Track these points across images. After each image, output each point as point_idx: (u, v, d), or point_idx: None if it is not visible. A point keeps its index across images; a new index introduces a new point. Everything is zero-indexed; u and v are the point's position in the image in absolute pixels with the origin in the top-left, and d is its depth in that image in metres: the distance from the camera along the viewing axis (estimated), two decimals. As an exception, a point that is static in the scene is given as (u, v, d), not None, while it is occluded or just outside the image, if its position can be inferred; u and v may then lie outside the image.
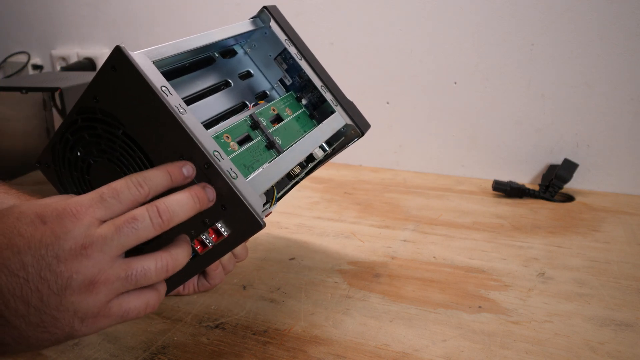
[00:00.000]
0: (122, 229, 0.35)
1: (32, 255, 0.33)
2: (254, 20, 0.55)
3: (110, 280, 0.34)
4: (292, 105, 0.56)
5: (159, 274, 0.36)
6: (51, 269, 0.33)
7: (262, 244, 0.68)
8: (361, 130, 0.55)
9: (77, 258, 0.34)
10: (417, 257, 0.64)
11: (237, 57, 0.58)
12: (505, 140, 0.92)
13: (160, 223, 0.36)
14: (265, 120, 0.51)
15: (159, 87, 0.39)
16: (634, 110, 0.83)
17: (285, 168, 0.47)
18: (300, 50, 0.55)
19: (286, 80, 0.58)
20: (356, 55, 0.97)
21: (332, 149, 0.56)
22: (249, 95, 0.57)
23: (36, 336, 0.34)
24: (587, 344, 0.47)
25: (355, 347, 0.47)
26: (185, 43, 0.46)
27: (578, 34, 0.82)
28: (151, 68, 0.40)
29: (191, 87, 0.52)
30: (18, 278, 0.33)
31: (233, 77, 0.57)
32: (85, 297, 0.34)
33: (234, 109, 0.55)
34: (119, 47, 0.39)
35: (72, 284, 0.33)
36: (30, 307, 0.33)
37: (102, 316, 0.35)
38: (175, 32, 1.12)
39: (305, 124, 0.56)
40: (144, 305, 0.37)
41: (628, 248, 0.67)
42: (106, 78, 0.40)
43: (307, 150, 0.50)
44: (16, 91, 0.82)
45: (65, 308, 0.34)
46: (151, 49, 0.42)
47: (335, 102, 0.55)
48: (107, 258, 0.34)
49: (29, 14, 1.26)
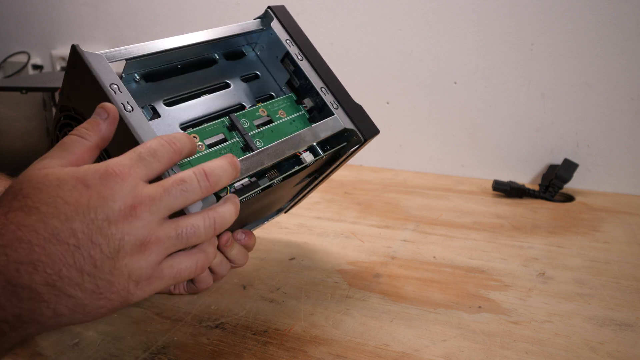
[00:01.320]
0: (170, 190, 0.35)
1: (81, 220, 0.32)
2: (258, 21, 0.54)
3: (161, 240, 0.34)
4: (288, 107, 0.53)
5: (207, 231, 0.36)
6: (102, 233, 0.33)
7: (262, 244, 0.68)
8: (363, 136, 0.52)
9: (127, 219, 0.33)
10: (417, 257, 0.64)
11: (246, 60, 0.56)
12: (505, 140, 0.92)
13: (208, 186, 0.36)
14: (248, 122, 0.49)
15: (108, 85, 0.40)
16: (634, 110, 0.83)
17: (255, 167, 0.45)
18: (302, 51, 0.53)
19: (294, 82, 0.55)
20: (356, 55, 0.97)
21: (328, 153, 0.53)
22: (250, 98, 0.55)
23: (93, 303, 0.33)
24: (587, 344, 0.47)
25: (355, 347, 0.47)
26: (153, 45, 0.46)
27: (578, 34, 0.82)
28: (104, 66, 0.40)
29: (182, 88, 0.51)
30: (68, 246, 0.32)
31: (234, 79, 0.54)
32: (138, 259, 0.34)
33: (227, 111, 0.52)
34: (74, 46, 0.40)
35: (124, 246, 0.33)
36: (84, 274, 0.32)
37: (155, 278, 0.35)
38: (175, 32, 1.11)
39: (300, 128, 0.52)
40: (194, 266, 0.37)
41: (628, 248, 0.67)
42: (70, 76, 0.42)
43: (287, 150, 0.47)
44: (16, 91, 0.82)
45: (120, 271, 0.33)
46: (113, 50, 0.43)
47: (335, 105, 0.52)
48: (155, 218, 0.34)
49: (29, 14, 1.26)
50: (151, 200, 0.34)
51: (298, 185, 0.57)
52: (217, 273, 0.52)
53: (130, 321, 0.51)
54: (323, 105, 0.53)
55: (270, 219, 0.64)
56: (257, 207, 0.53)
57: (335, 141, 0.53)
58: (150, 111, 0.48)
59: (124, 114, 0.39)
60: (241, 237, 0.53)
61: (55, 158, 0.36)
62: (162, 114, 0.48)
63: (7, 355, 0.46)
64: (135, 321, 0.51)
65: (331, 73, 0.54)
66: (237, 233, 0.52)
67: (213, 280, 0.53)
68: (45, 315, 0.33)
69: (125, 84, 0.47)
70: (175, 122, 0.48)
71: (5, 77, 1.31)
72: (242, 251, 0.53)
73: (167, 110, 0.48)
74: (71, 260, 0.32)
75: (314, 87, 0.53)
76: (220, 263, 0.51)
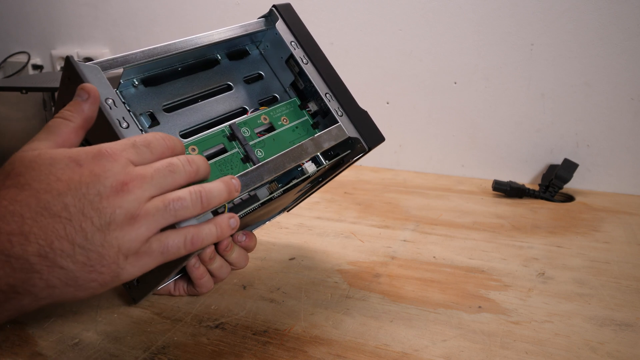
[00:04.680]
0: (160, 170, 0.37)
1: (73, 195, 0.34)
2: (262, 21, 0.52)
3: (150, 212, 0.35)
4: (292, 113, 0.51)
5: (194, 204, 0.37)
6: (94, 206, 0.34)
7: (262, 244, 0.68)
8: (367, 145, 0.50)
9: (118, 194, 0.34)
10: (417, 257, 0.64)
11: (250, 58, 0.54)
12: (505, 140, 0.92)
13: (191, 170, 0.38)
14: (250, 130, 0.47)
15: (103, 100, 0.40)
16: (634, 110, 0.83)
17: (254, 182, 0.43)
18: (307, 54, 0.51)
19: (299, 84, 0.53)
20: (356, 55, 0.97)
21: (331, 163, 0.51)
22: (253, 100, 0.53)
23: (84, 276, 0.34)
24: (587, 344, 0.47)
25: (355, 347, 0.47)
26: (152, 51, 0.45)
27: (578, 34, 0.82)
28: (99, 79, 0.40)
29: (182, 91, 0.49)
30: (60, 218, 0.33)
31: (236, 81, 0.53)
32: (127, 231, 0.35)
33: (228, 116, 0.51)
34: (69, 58, 0.40)
35: (115, 219, 0.34)
36: (75, 245, 0.33)
37: (144, 253, 0.36)
38: (175, 32, 1.12)
39: (302, 135, 0.50)
40: (182, 240, 0.38)
41: (628, 248, 0.67)
42: (66, 86, 0.41)
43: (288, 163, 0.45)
44: (16, 91, 0.82)
45: (110, 244, 0.34)
46: (109, 58, 0.43)
47: (340, 112, 0.50)
48: (146, 194, 0.36)
49: (29, 14, 1.26)
50: (142, 178, 0.36)
51: (301, 191, 0.57)
52: (217, 276, 0.52)
53: (130, 321, 0.51)
54: (327, 110, 0.51)
55: (272, 219, 0.64)
56: (258, 214, 0.52)
57: (339, 148, 0.52)
58: (148, 119, 0.47)
59: (119, 130, 0.40)
60: (242, 239, 0.52)
61: (43, 140, 0.37)
62: (162, 120, 0.47)
63: (7, 355, 0.46)
64: (135, 321, 0.51)
65: (337, 77, 0.52)
66: (237, 235, 0.52)
67: (214, 283, 0.53)
68: (37, 286, 0.33)
69: (124, 89, 0.46)
70: (174, 130, 0.47)
71: (5, 77, 1.31)
72: (242, 254, 0.53)
73: (166, 117, 0.47)
74: (63, 233, 0.33)
75: (319, 92, 0.51)
76: (220, 267, 0.51)
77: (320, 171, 0.52)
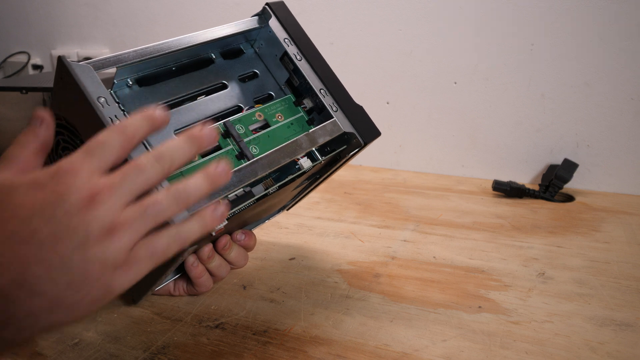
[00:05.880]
0: (127, 174, 0.34)
1: (39, 219, 0.32)
2: (255, 19, 0.52)
3: (128, 221, 0.34)
4: (287, 110, 0.51)
5: (171, 204, 0.35)
6: (64, 226, 0.32)
7: (262, 244, 0.68)
8: (363, 139, 0.51)
9: (89, 208, 0.33)
10: (417, 257, 0.64)
11: (245, 57, 0.54)
12: (505, 140, 0.92)
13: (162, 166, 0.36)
14: (244, 128, 0.47)
15: (95, 98, 0.39)
16: (634, 110, 0.83)
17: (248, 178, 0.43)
18: (301, 51, 0.52)
19: (294, 81, 0.53)
20: (356, 55, 0.97)
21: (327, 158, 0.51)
22: (248, 98, 0.53)
23: (71, 297, 0.33)
24: (587, 344, 0.47)
25: (355, 347, 0.47)
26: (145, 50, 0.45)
27: (578, 34, 0.82)
28: (91, 78, 0.40)
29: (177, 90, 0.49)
30: (30, 245, 0.32)
31: (231, 79, 0.53)
32: (108, 244, 0.33)
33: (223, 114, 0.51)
34: (61, 57, 0.40)
35: (91, 234, 0.32)
36: (51, 269, 0.32)
37: (132, 262, 0.34)
38: (175, 32, 1.12)
39: (298, 131, 0.50)
40: (170, 241, 0.36)
41: (628, 248, 0.67)
42: (59, 86, 0.41)
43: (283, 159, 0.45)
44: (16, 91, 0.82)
45: (91, 260, 0.33)
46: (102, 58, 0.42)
47: (335, 107, 0.51)
48: (119, 203, 0.34)
49: (29, 14, 1.26)
50: (110, 186, 0.34)
51: (298, 188, 0.57)
52: (216, 275, 0.52)
53: (130, 321, 0.51)
54: (322, 106, 0.52)
55: (271, 217, 0.64)
56: (255, 212, 0.52)
57: (335, 144, 0.52)
58: None
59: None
60: (241, 238, 0.52)
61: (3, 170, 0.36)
62: None
63: (7, 355, 0.46)
64: (135, 321, 0.51)
65: (331, 73, 0.53)
66: (236, 234, 0.52)
67: (213, 282, 0.53)
68: (16, 316, 0.32)
69: (118, 90, 0.46)
70: (169, 129, 0.47)
71: (5, 77, 1.31)
72: (241, 252, 0.53)
73: None
74: (35, 258, 0.32)
75: (313, 88, 0.51)
76: (219, 265, 0.51)
77: (317, 167, 0.52)
